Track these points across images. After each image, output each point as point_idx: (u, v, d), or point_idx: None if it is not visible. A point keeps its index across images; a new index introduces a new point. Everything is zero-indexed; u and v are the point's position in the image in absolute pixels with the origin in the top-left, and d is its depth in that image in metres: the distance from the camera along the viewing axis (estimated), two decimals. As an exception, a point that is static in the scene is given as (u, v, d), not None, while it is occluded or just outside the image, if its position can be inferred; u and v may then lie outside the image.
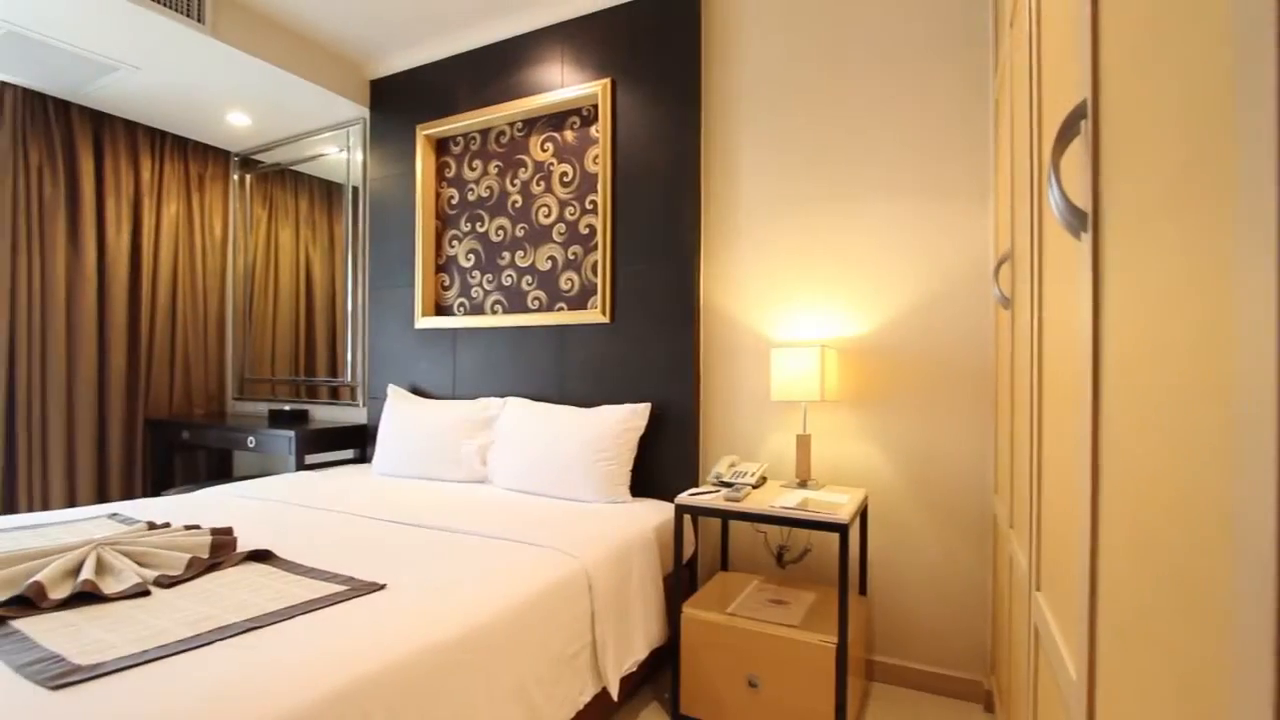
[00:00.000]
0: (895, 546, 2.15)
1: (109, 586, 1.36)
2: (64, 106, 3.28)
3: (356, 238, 3.43)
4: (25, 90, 3.12)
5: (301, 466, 3.03)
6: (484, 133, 3.02)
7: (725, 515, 1.90)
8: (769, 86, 2.37)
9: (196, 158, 3.87)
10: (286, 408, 3.47)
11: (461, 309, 3.07)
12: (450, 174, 3.13)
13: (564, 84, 2.72)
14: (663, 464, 2.47)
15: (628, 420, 2.37)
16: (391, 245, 3.27)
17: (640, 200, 2.55)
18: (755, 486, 2.07)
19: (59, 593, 1.31)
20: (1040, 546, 1.03)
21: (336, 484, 2.61)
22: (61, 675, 0.98)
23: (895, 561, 2.15)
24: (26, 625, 1.19)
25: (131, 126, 3.55)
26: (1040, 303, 1.04)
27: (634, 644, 1.87)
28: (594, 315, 2.62)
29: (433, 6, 2.79)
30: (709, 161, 2.48)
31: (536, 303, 2.84)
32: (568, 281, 2.76)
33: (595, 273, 2.68)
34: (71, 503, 3.29)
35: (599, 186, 2.62)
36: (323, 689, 1.02)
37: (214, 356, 4.00)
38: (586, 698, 1.65)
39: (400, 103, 3.24)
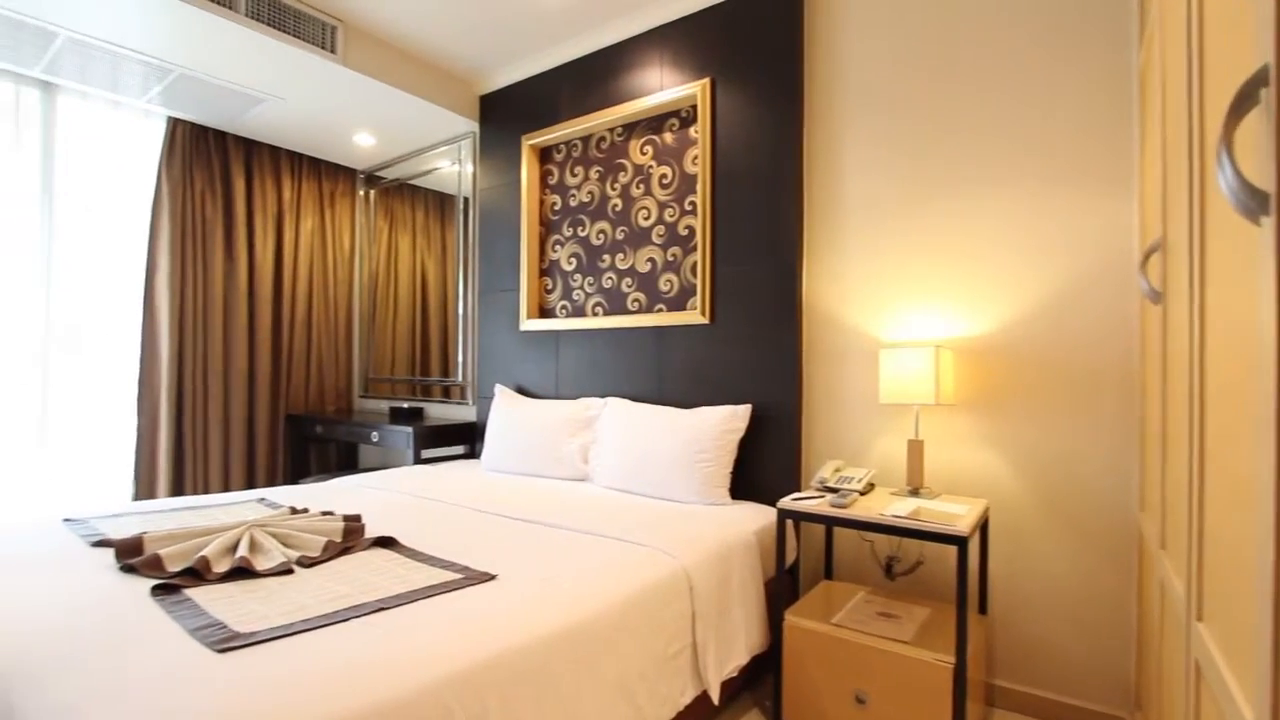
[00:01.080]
0: (1020, 563, 1.99)
1: (260, 564, 1.51)
2: (221, 136, 3.70)
3: (467, 245, 3.62)
4: (192, 124, 3.55)
5: (418, 460, 3.24)
6: (585, 139, 3.10)
7: (831, 522, 1.84)
8: (876, 76, 2.27)
9: (328, 176, 4.25)
10: (405, 405, 3.73)
11: (564, 311, 3.17)
12: (553, 181, 3.24)
13: (663, 86, 2.74)
14: (763, 467, 2.42)
15: (728, 421, 2.35)
16: (498, 251, 3.42)
17: (740, 200, 2.52)
18: (862, 493, 1.98)
19: (220, 567, 1.47)
20: (1202, 572, 0.91)
21: (449, 478, 2.77)
22: (225, 640, 1.11)
23: (1020, 580, 1.99)
24: (196, 594, 1.35)
25: (275, 151, 3.95)
26: (1202, 296, 0.93)
27: (735, 648, 1.85)
28: (693, 316, 2.61)
29: (538, 22, 2.90)
30: (812, 158, 2.41)
31: (636, 304, 2.88)
32: (667, 283, 2.78)
33: (695, 273, 2.68)
34: (226, 487, 3.70)
35: (698, 187, 2.62)
36: (445, 669, 1.08)
37: (342, 358, 4.36)
38: (687, 699, 1.65)
39: (507, 115, 3.39)
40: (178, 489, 3.49)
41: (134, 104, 3.33)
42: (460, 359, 3.64)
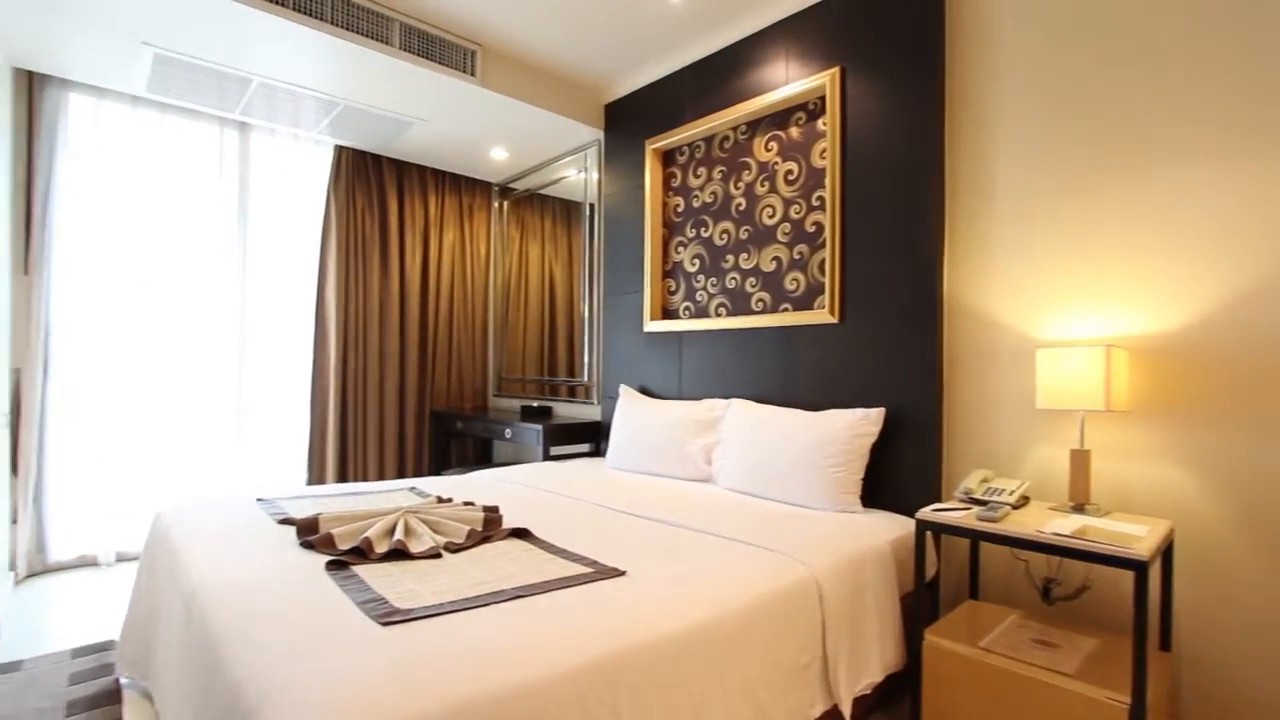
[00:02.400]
0: (1215, 596, 1.72)
1: (414, 547, 1.65)
2: (377, 160, 4.10)
3: (592, 250, 3.75)
4: (354, 150, 3.97)
5: (547, 457, 3.39)
6: (708, 140, 3.09)
7: (979, 537, 1.69)
8: (1030, 57, 2.06)
9: (467, 191, 4.57)
10: (535, 404, 3.93)
11: (687, 312, 3.18)
12: (676, 183, 3.26)
13: (788, 80, 2.67)
14: (899, 474, 2.28)
15: (859, 425, 2.24)
16: (623, 255, 3.51)
17: (873, 193, 2.39)
18: (1015, 507, 1.81)
19: (381, 548, 1.63)
20: None
21: (577, 475, 2.87)
22: (387, 614, 1.22)
23: (1214, 615, 1.72)
24: (361, 571, 1.50)
25: (422, 170, 4.31)
26: None
27: (868, 664, 1.75)
28: (821, 315, 2.52)
29: (662, 25, 2.93)
30: (955, 146, 2.24)
31: (760, 304, 2.83)
32: (793, 282, 2.70)
33: (823, 271, 2.58)
34: (381, 475, 4.09)
35: (827, 181, 2.53)
36: (579, 658, 1.12)
37: (479, 359, 4.68)
38: (816, 712, 1.59)
39: (630, 121, 3.47)
40: (342, 475, 3.91)
41: (308, 135, 3.78)
42: (586, 360, 3.77)
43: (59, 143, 3.05)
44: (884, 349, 2.35)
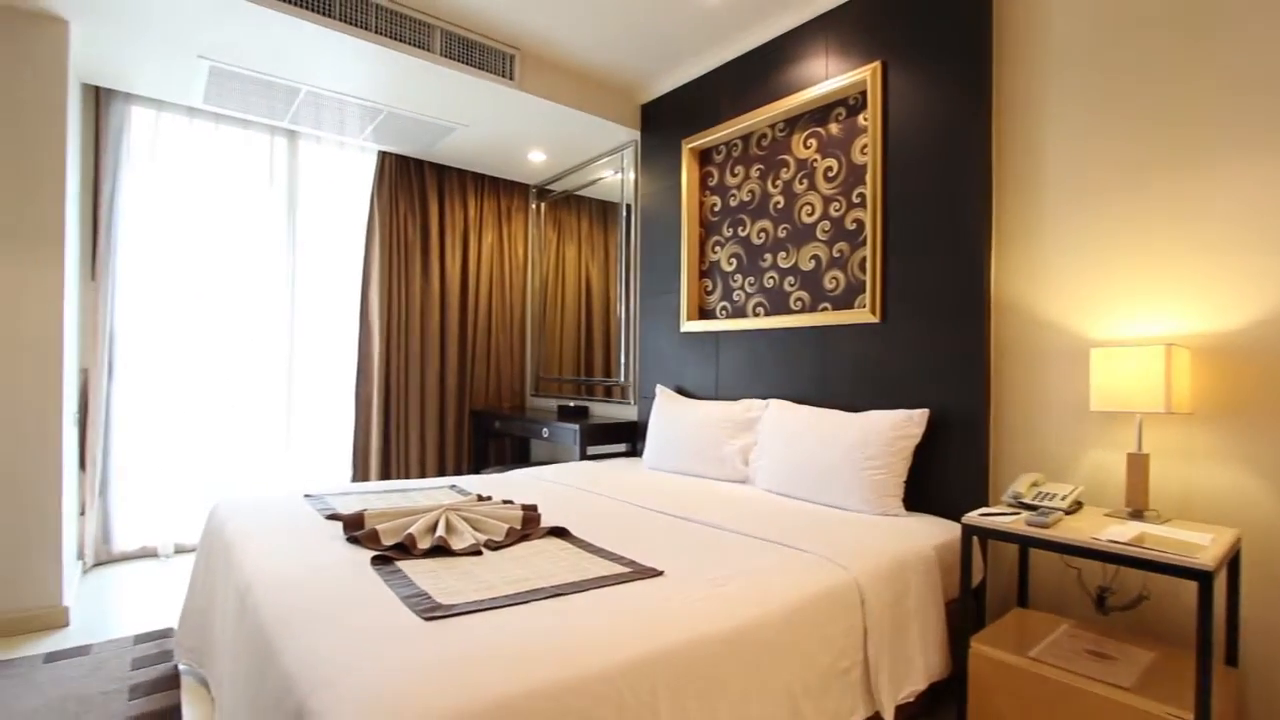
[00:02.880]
0: (1286, 609, 1.63)
1: (455, 544, 1.68)
2: (419, 164, 4.19)
3: (628, 250, 3.76)
4: (396, 156, 4.06)
5: (584, 456, 3.41)
6: (745, 138, 3.07)
7: (1029, 543, 1.64)
8: (1084, 44, 1.98)
9: (505, 194, 4.63)
10: (571, 404, 3.96)
11: (724, 312, 3.16)
12: (713, 182, 3.25)
13: (828, 75, 2.63)
14: (943, 477, 2.22)
15: (902, 427, 2.19)
16: (659, 255, 3.51)
17: (916, 188, 2.34)
18: (1067, 512, 1.74)
19: (423, 544, 1.66)
20: None
21: (613, 474, 2.88)
22: (430, 610, 1.25)
23: (1286, 629, 1.63)
24: (404, 566, 1.53)
25: (462, 174, 4.39)
26: None
27: (911, 672, 1.72)
28: (861, 315, 2.47)
29: (699, 23, 2.92)
30: (1002, 140, 2.17)
31: (799, 303, 2.79)
32: (832, 280, 2.66)
33: (863, 269, 2.53)
34: (422, 473, 4.17)
35: (867, 178, 2.48)
36: (618, 657, 1.13)
37: (516, 359, 4.74)
38: (857, 718, 1.56)
39: (667, 121, 3.46)
40: (385, 472, 4.01)
41: (353, 142, 3.89)
42: (622, 360, 3.78)
43: (123, 154, 3.20)
44: (927, 348, 2.29)
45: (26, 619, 2.41)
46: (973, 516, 1.76)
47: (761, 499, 2.40)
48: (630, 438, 3.63)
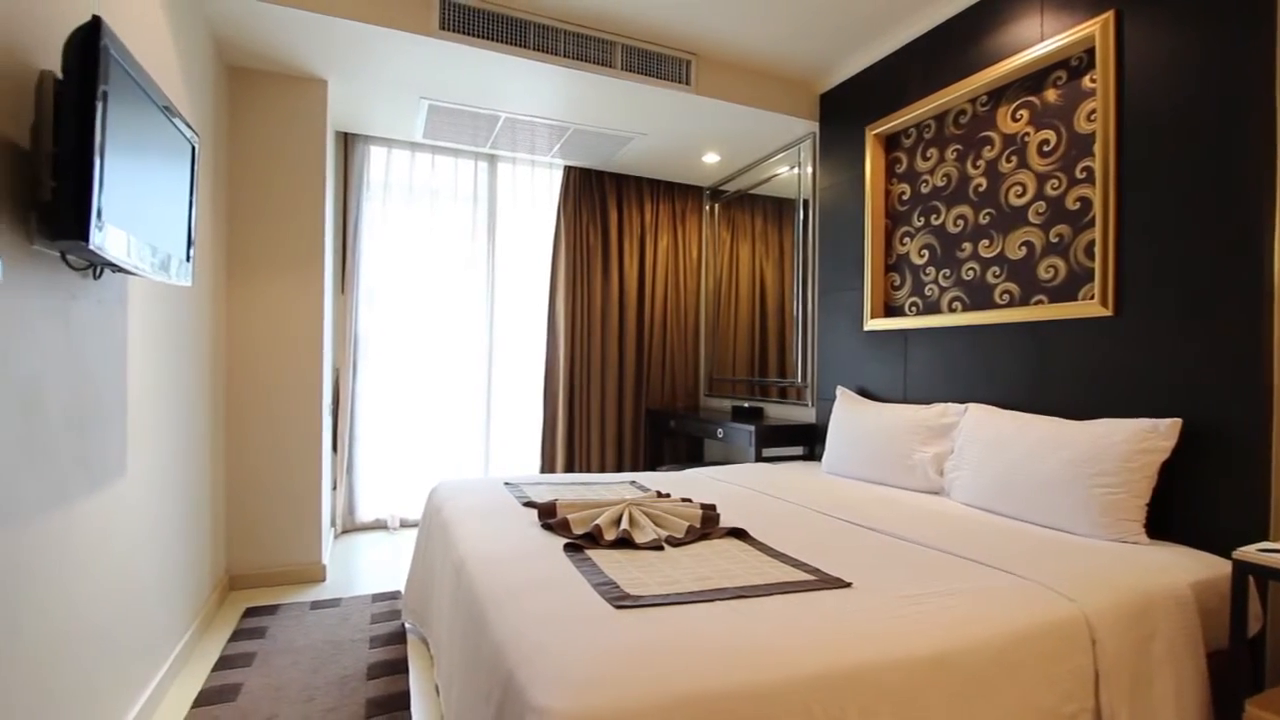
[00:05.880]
0: None
1: (638, 537, 1.74)
2: (599, 175, 4.43)
3: (806, 247, 3.62)
4: (579, 169, 4.33)
5: (758, 458, 3.35)
6: (939, 118, 2.81)
7: (1336, 590, 1.29)
8: None
9: (679, 197, 4.72)
10: (746, 405, 3.92)
11: (914, 309, 2.92)
12: (900, 169, 3.02)
13: (1044, 36, 2.31)
14: (1202, 501, 1.85)
15: (1144, 439, 1.86)
16: (839, 250, 3.34)
17: (1162, 157, 1.97)
18: (1399, 556, 1.35)
19: (609, 536, 1.74)
20: None
21: (791, 478, 2.79)
22: (619, 598, 1.30)
23: None
24: (593, 555, 1.62)
25: (638, 181, 4.56)
26: None
27: (1161, 730, 1.44)
28: (1088, 307, 2.14)
29: (878, 3, 2.73)
30: (1288, 81, 1.74)
31: (1006, 297, 2.49)
32: (1049, 269, 2.33)
33: (1090, 255, 2.19)
34: (602, 468, 4.40)
35: (1096, 149, 2.14)
36: (805, 669, 1.09)
37: (690, 359, 4.80)
38: (1087, 773, 1.35)
39: (848, 109, 3.29)
40: (569, 465, 4.29)
41: (543, 160, 4.22)
42: (799, 360, 3.66)
43: (363, 187, 3.80)
44: (1176, 347, 1.91)
45: (299, 571, 2.95)
46: (1248, 551, 1.44)
47: (959, 513, 2.18)
48: (808, 440, 3.50)
